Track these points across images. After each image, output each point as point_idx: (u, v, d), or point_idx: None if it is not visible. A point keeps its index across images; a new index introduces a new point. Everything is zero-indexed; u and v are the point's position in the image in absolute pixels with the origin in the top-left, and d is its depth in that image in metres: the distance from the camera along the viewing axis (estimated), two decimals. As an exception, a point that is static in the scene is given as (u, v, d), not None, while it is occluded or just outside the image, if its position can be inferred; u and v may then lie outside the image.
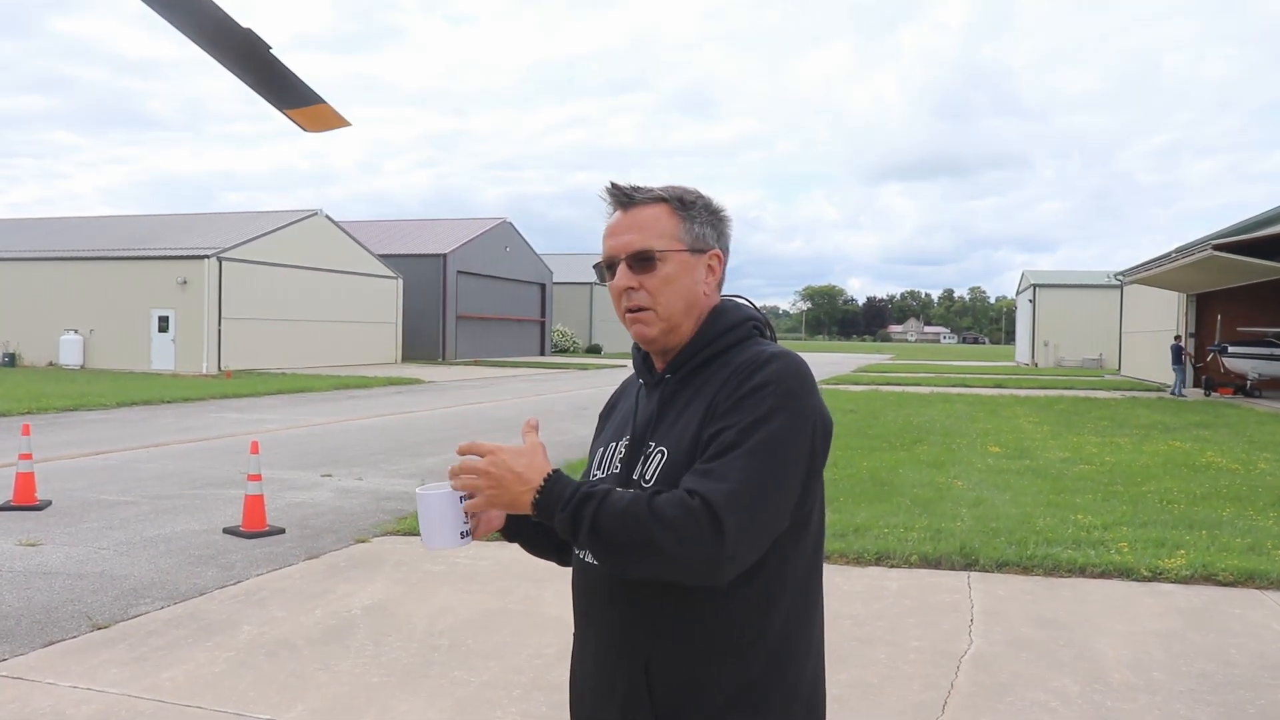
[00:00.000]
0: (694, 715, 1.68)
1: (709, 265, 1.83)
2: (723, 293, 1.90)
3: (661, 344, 1.82)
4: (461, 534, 1.86)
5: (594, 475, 1.89)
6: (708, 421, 1.69)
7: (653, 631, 1.70)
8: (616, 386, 2.10)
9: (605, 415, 2.05)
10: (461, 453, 1.70)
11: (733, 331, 1.81)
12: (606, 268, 1.83)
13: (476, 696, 4.76)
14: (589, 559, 1.79)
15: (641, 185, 1.83)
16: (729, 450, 1.62)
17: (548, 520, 1.64)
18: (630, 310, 1.81)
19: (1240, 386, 28.38)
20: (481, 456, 1.67)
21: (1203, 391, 29.46)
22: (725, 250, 1.86)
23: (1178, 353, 29.16)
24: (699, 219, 1.82)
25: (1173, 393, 28.75)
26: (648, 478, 1.73)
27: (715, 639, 1.67)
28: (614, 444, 1.89)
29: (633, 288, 1.79)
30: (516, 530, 1.95)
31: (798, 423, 1.66)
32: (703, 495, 1.56)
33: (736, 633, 1.67)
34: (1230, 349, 27.56)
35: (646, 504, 1.58)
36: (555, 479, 1.65)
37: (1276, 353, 26.89)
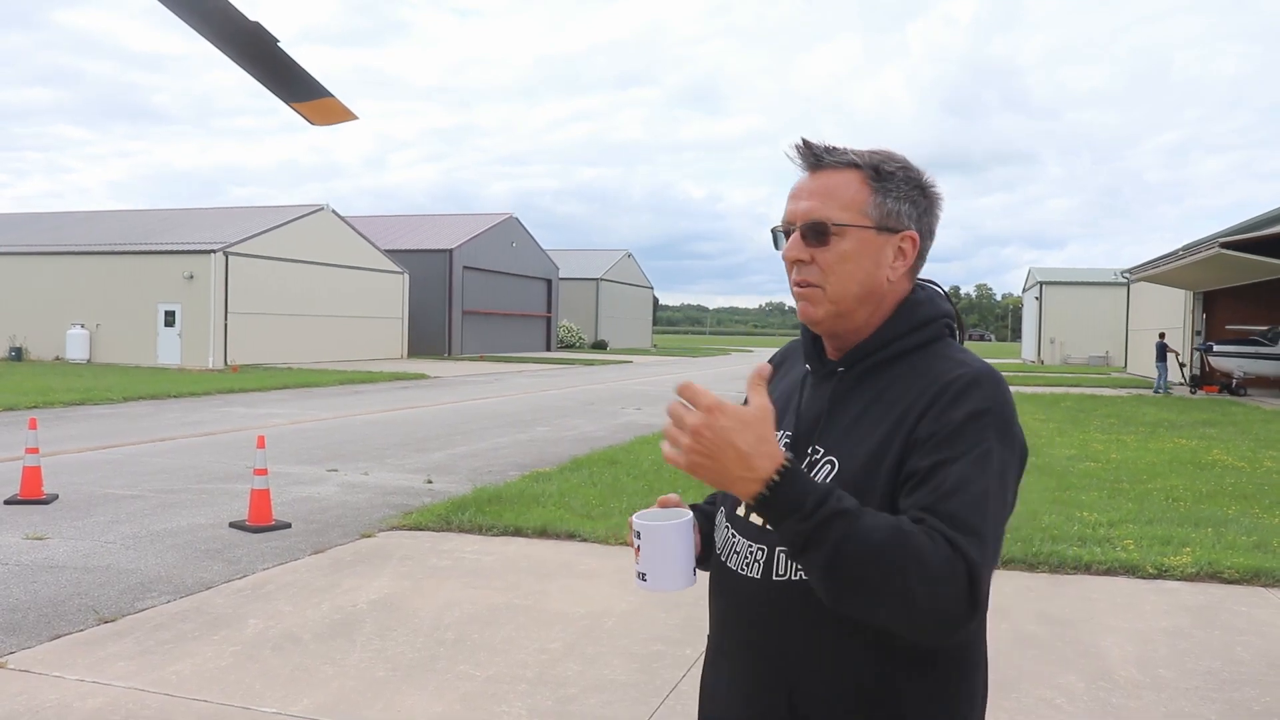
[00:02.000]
0: None
1: (900, 248, 1.59)
2: (920, 279, 1.67)
3: (828, 327, 1.61)
4: (694, 570, 1.61)
5: None
6: (909, 447, 1.47)
7: (803, 664, 1.51)
8: (783, 349, 1.87)
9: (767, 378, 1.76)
10: (680, 394, 1.38)
11: (924, 329, 1.59)
12: (783, 233, 1.62)
13: (482, 691, 4.77)
14: (748, 571, 1.57)
15: (839, 146, 1.59)
16: (965, 488, 1.39)
17: (769, 520, 1.37)
18: (798, 284, 1.60)
19: (1226, 384, 28.42)
20: (697, 408, 1.35)
21: (1188, 389, 29.45)
22: (926, 233, 1.61)
23: (1162, 350, 29.24)
24: (896, 193, 1.58)
25: (1156, 389, 28.83)
26: None
27: (867, 683, 1.49)
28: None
29: (802, 260, 1.58)
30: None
31: (1013, 455, 1.48)
32: (967, 560, 1.32)
33: (891, 679, 1.49)
34: (1215, 348, 27.66)
35: (910, 545, 1.31)
36: (792, 475, 1.35)
37: (1261, 351, 27.00)
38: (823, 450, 1.55)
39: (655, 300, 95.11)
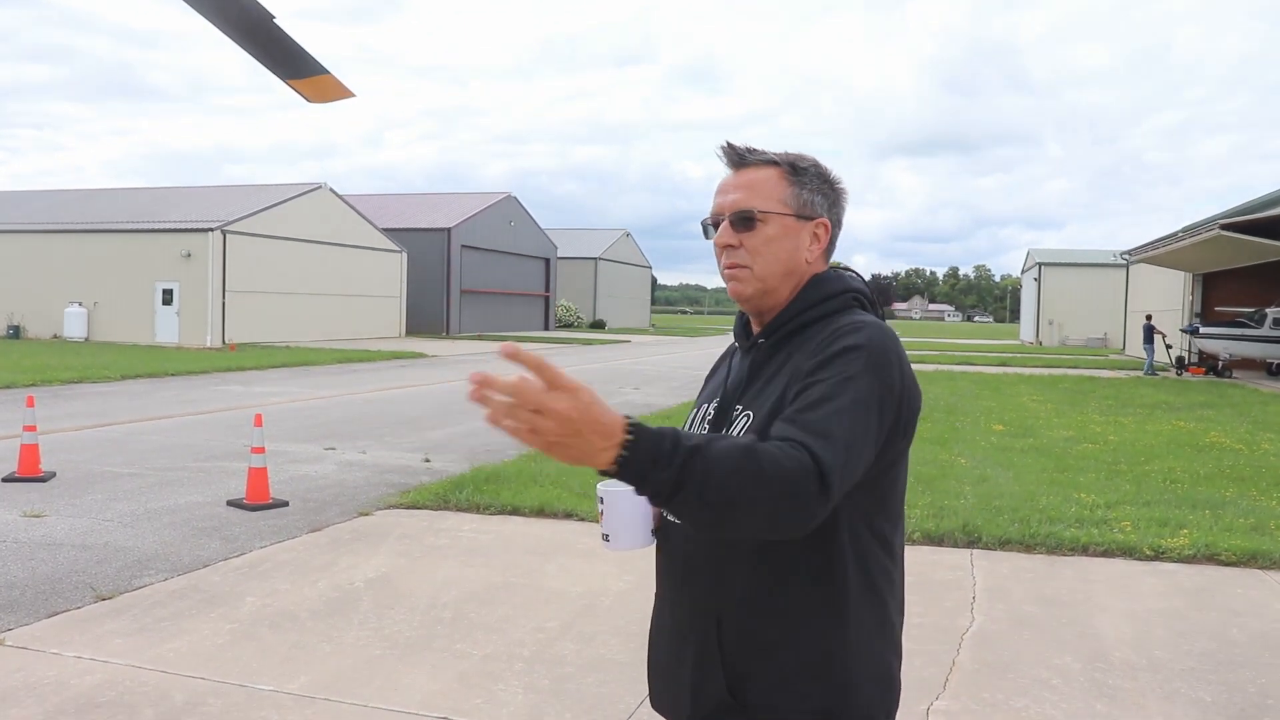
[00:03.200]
0: (762, 679, 1.67)
1: (814, 233, 1.81)
2: (833, 263, 1.89)
3: (756, 304, 1.82)
4: (652, 532, 1.82)
5: None
6: (793, 383, 1.66)
7: (725, 591, 1.69)
8: (720, 354, 2.07)
9: (707, 379, 2.04)
10: (508, 355, 1.32)
11: (831, 300, 1.79)
12: (712, 224, 1.83)
13: (479, 669, 4.78)
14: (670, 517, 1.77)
15: (757, 148, 1.83)
16: (824, 403, 1.57)
17: (632, 480, 1.40)
18: (728, 267, 1.81)
19: (1212, 366, 28.56)
20: (551, 387, 1.31)
21: (1174, 371, 29.55)
22: (835, 222, 1.85)
23: (1149, 332, 29.40)
24: (810, 186, 1.81)
25: (1147, 371, 28.97)
26: None
27: (787, 604, 1.66)
28: (705, 406, 1.89)
29: (732, 245, 1.79)
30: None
31: (885, 388, 1.63)
32: (813, 452, 1.47)
33: (808, 600, 1.66)
34: (1201, 330, 27.79)
35: (757, 458, 1.43)
36: (640, 430, 1.39)
37: (1247, 333, 27.18)
38: (741, 407, 1.76)
39: (653, 280, 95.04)
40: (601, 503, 1.78)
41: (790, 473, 1.43)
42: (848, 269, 1.89)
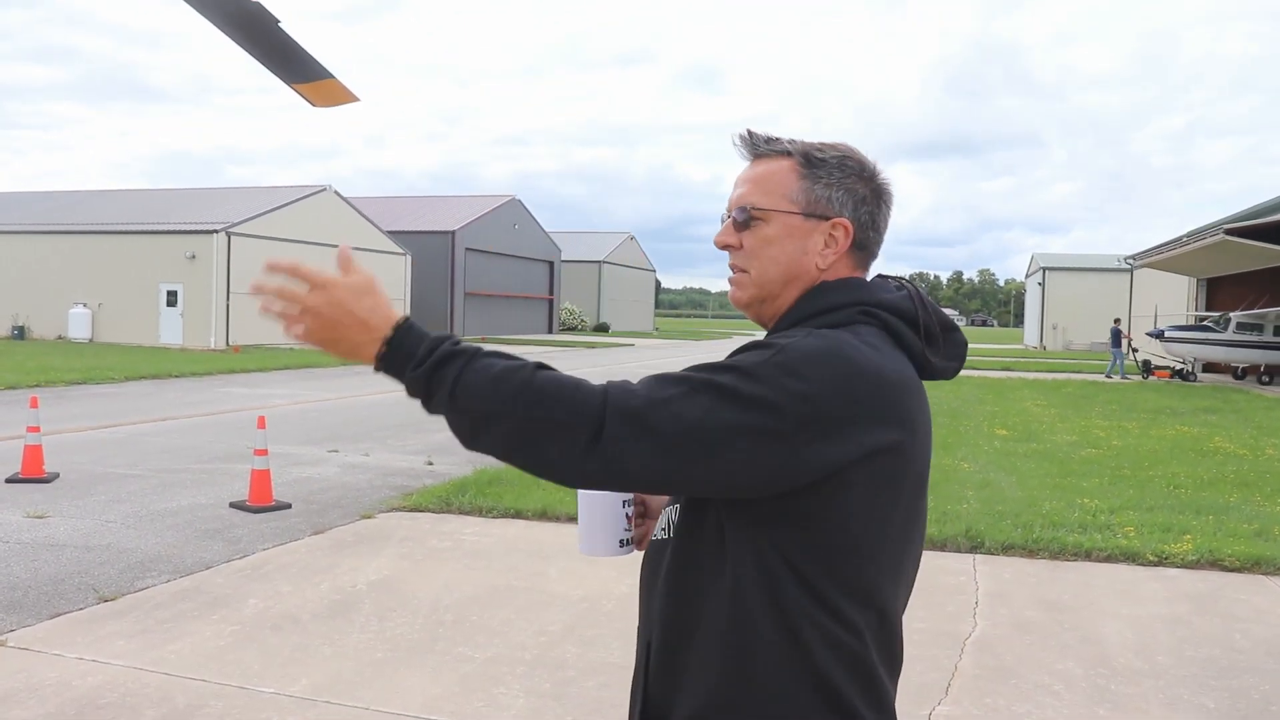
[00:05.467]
0: (674, 712, 1.50)
1: (830, 235, 1.54)
2: (881, 274, 1.63)
3: (755, 312, 1.62)
4: (621, 542, 1.77)
5: None
6: None
7: (656, 614, 1.54)
8: None
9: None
10: (271, 270, 1.44)
11: (833, 313, 1.50)
12: (723, 219, 1.66)
13: (481, 673, 4.77)
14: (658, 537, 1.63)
15: (779, 136, 1.60)
16: (675, 377, 1.38)
17: (395, 377, 1.45)
18: (730, 268, 1.62)
19: (1178, 370, 28.83)
20: (310, 287, 1.42)
21: (1141, 374, 29.70)
22: (865, 223, 1.56)
23: (1116, 336, 29.56)
24: (827, 180, 1.55)
25: (1107, 374, 29.16)
26: None
27: (704, 639, 1.45)
28: None
29: (731, 245, 1.60)
30: None
31: (779, 396, 1.33)
32: (607, 393, 1.33)
33: (727, 638, 1.43)
34: (1167, 333, 28.00)
35: (528, 374, 1.36)
36: (408, 329, 1.43)
37: (1211, 337, 27.59)
38: None
39: (657, 283, 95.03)
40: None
41: (566, 399, 1.33)
42: (895, 279, 1.62)
